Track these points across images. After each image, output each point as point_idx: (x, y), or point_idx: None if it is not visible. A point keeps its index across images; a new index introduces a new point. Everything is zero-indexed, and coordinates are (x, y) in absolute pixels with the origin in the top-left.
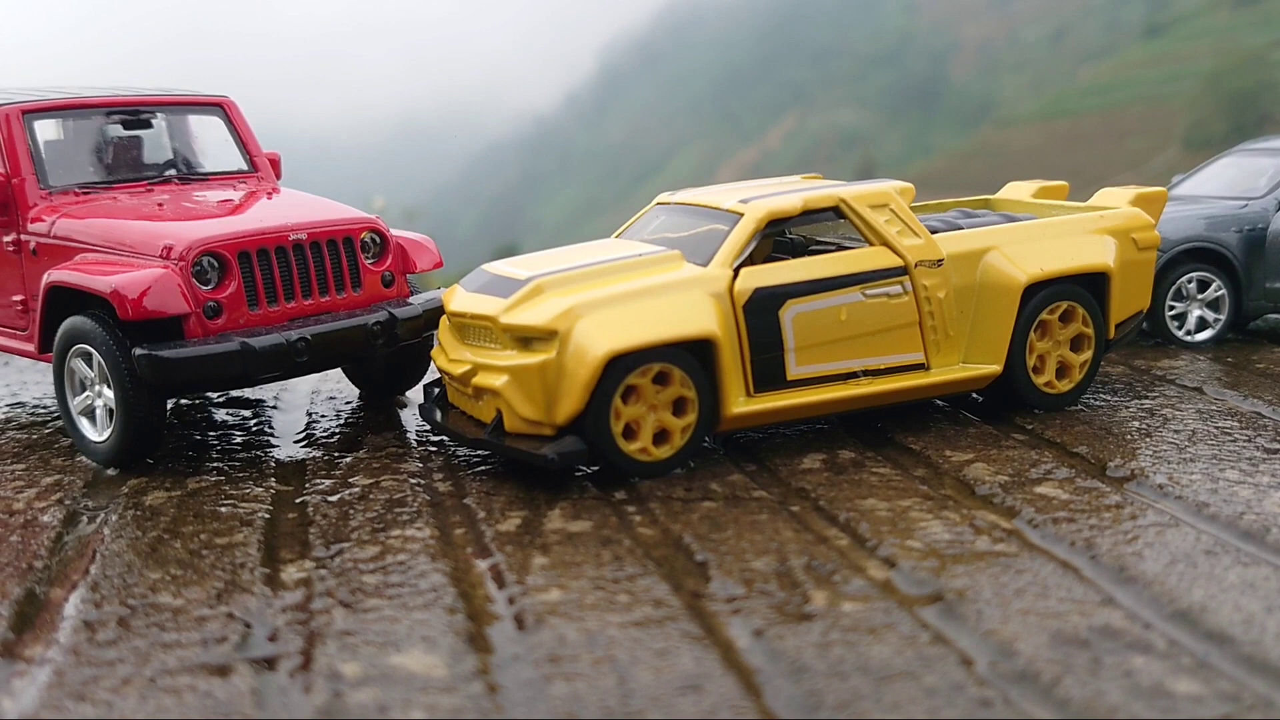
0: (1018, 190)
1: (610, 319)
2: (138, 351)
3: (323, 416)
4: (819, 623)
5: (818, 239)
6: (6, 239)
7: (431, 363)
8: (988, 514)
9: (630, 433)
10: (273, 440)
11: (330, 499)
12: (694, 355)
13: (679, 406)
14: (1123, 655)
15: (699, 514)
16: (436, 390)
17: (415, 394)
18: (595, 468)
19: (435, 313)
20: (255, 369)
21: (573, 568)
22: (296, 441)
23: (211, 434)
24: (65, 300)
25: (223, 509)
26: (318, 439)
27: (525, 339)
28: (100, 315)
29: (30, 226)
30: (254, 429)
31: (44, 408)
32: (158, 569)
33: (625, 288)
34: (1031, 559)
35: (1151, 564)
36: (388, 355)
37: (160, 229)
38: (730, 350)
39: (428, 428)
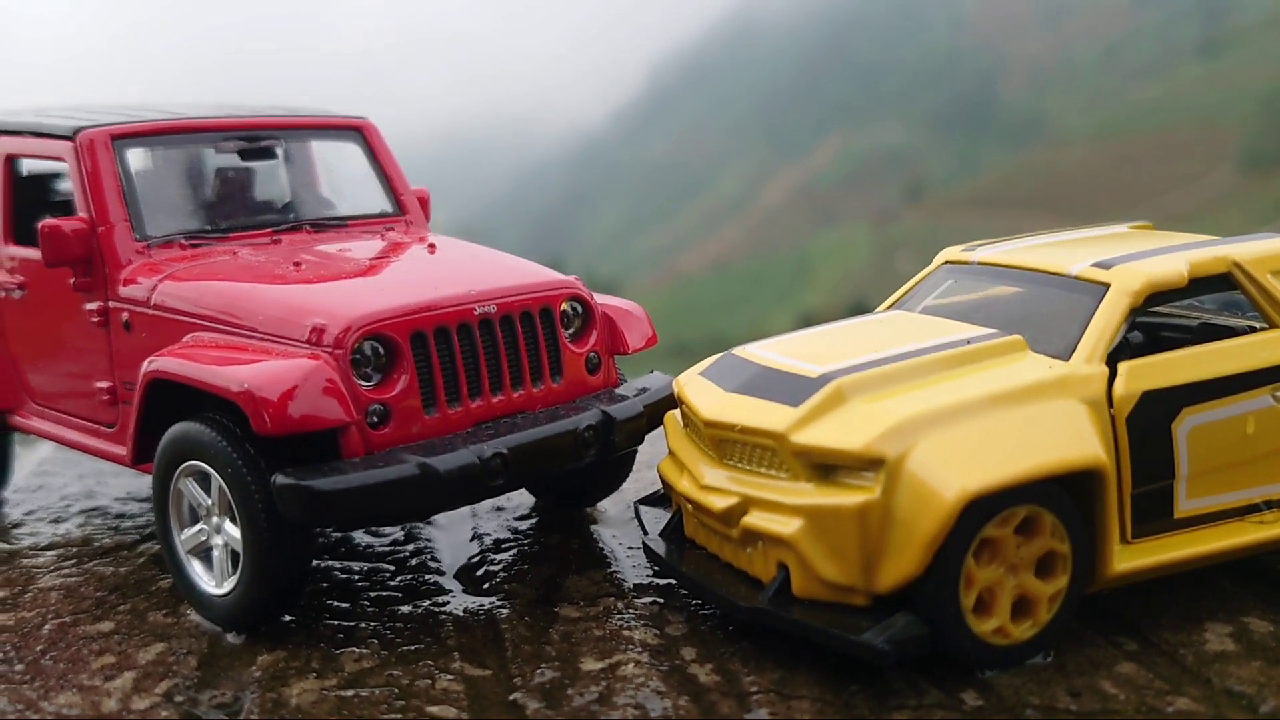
0: None
1: (959, 442)
2: (280, 480)
3: (497, 542)
4: None
5: (1148, 308)
6: (90, 306)
7: (633, 463)
8: None
9: (979, 604)
10: (441, 581)
11: (557, 702)
12: (1067, 491)
13: (1043, 564)
14: None
15: None
16: (668, 517)
17: (610, 504)
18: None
19: (659, 408)
20: (438, 500)
21: None
22: (473, 585)
23: (355, 567)
24: (171, 396)
25: (404, 719)
26: (500, 580)
27: (827, 466)
28: (222, 420)
29: (122, 290)
30: (410, 560)
31: (129, 517)
32: None
33: (968, 393)
34: None
35: None
36: None
37: (304, 300)
38: (1113, 482)
39: (644, 560)
